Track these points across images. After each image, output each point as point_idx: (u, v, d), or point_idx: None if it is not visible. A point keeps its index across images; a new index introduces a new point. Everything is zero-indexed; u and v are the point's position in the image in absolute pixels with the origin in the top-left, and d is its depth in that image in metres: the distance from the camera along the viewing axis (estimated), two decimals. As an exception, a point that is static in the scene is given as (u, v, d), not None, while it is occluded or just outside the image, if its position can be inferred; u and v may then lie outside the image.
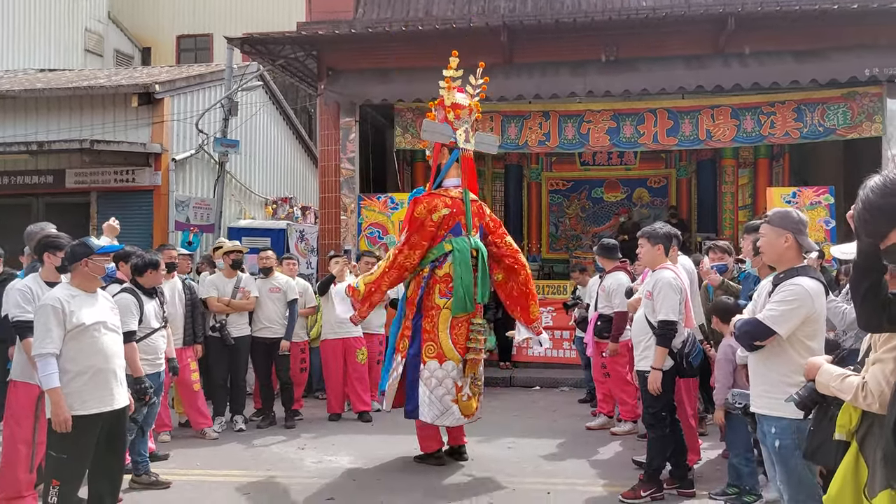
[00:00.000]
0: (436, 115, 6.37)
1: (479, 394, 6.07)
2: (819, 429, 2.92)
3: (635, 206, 14.29)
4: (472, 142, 6.41)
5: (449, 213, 6.01)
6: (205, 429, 7.02)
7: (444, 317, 5.96)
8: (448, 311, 5.95)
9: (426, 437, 6.17)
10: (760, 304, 3.66)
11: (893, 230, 2.22)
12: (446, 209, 6.00)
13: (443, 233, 6.02)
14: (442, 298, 5.99)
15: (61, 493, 4.15)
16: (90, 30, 19.75)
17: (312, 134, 17.56)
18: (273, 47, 11.10)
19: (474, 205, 6.24)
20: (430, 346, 5.96)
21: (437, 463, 6.10)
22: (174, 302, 6.82)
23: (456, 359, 5.92)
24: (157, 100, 11.69)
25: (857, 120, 10.26)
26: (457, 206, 6.08)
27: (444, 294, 5.98)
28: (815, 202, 10.00)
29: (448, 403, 5.86)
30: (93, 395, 4.21)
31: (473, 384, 5.97)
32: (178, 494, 5.37)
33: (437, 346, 5.93)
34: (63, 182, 11.76)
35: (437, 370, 5.90)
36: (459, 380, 5.91)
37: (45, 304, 4.22)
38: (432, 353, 5.94)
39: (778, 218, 3.67)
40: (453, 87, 6.34)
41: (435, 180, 6.35)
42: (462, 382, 5.91)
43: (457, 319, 5.96)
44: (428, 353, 5.95)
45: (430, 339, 5.96)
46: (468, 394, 5.92)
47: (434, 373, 5.90)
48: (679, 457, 5.32)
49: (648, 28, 10.28)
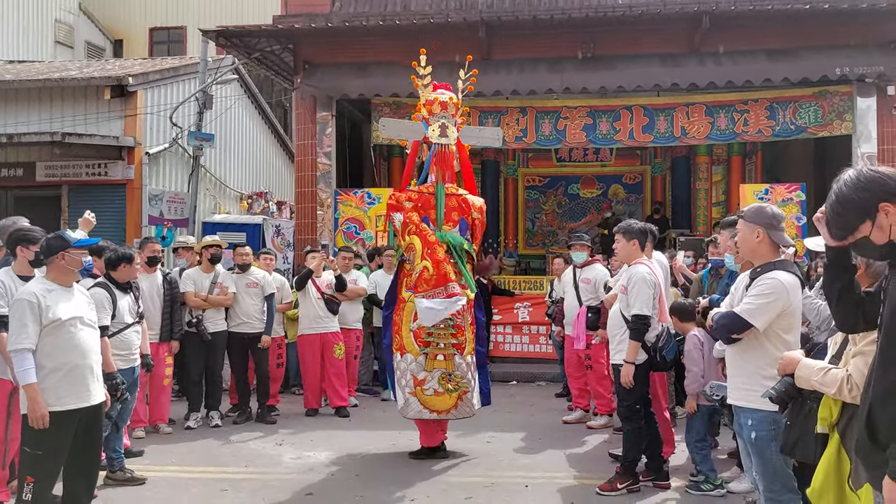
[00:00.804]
0: (417, 116, 6.42)
1: (460, 391, 6.01)
2: (796, 423, 2.96)
3: (611, 202, 14.41)
4: (450, 136, 6.39)
5: (412, 207, 6.10)
6: (159, 424, 6.98)
7: (409, 310, 6.02)
8: (412, 304, 5.98)
9: (424, 432, 6.20)
10: (738, 297, 3.72)
11: (864, 223, 2.27)
12: (409, 202, 6.11)
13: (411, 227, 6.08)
14: (407, 292, 6.05)
15: (36, 489, 4.07)
16: (60, 21, 19.39)
17: (288, 128, 17.45)
18: (249, 40, 11.01)
19: (454, 199, 6.24)
20: (397, 338, 6.08)
21: (443, 455, 6.17)
22: (152, 296, 6.76)
23: (414, 352, 5.97)
24: (130, 92, 11.55)
25: (828, 118, 10.45)
26: (423, 200, 6.15)
27: (410, 287, 6.03)
28: (787, 199, 10.17)
29: (407, 395, 5.96)
30: (69, 392, 4.15)
31: (447, 380, 5.95)
32: (154, 491, 5.32)
33: (401, 339, 6.04)
34: (33, 175, 11.57)
35: (400, 362, 6.05)
36: (419, 373, 5.95)
37: (20, 299, 4.14)
38: (397, 345, 6.07)
39: (751, 213, 3.73)
40: (424, 84, 6.40)
41: (419, 177, 6.39)
42: (424, 376, 5.94)
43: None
44: (396, 344, 6.09)
45: (397, 331, 6.08)
46: (435, 388, 5.93)
47: (398, 364, 6.06)
48: (654, 449, 5.39)
49: (625, 26, 10.37)
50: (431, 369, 5.96)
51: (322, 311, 7.84)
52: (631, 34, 10.48)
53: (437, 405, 5.95)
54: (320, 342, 7.86)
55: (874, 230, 2.25)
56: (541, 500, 5.14)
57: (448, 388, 5.96)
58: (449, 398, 5.97)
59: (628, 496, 5.13)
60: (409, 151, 6.42)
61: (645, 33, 10.49)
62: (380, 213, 10.50)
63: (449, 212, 6.20)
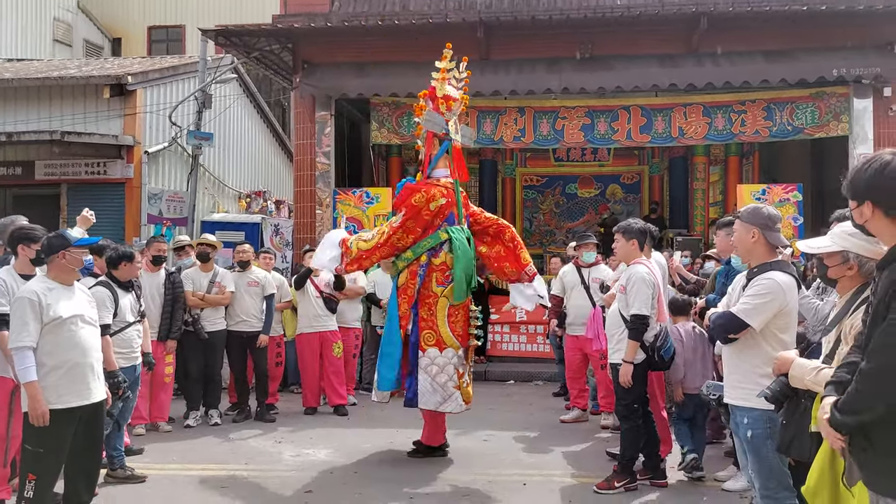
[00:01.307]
0: (427, 106, 6.39)
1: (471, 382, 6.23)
2: (791, 422, 3.00)
3: (608, 201, 14.45)
4: (459, 133, 6.50)
5: (445, 203, 6.12)
6: (159, 423, 7.00)
7: (442, 305, 6.04)
8: (446, 298, 6.03)
9: (435, 429, 6.24)
10: (735, 298, 3.76)
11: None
12: (443, 199, 6.10)
13: (438, 222, 6.11)
14: (439, 287, 6.06)
15: (37, 487, 4.11)
16: (59, 19, 19.38)
17: (286, 127, 17.47)
18: (248, 40, 11.03)
19: (462, 196, 6.35)
20: (429, 335, 6.02)
21: (442, 455, 6.22)
22: (152, 295, 6.79)
23: (455, 346, 6.02)
24: (129, 91, 11.55)
25: (825, 119, 10.50)
26: (450, 196, 6.19)
27: (441, 283, 6.06)
28: (784, 199, 10.22)
29: (451, 390, 5.95)
30: (70, 389, 4.18)
31: (469, 374, 6.14)
32: (155, 488, 5.35)
33: (437, 334, 6.01)
34: (32, 174, 11.57)
35: (438, 357, 5.97)
36: (461, 366, 6.02)
37: (21, 297, 4.17)
38: (431, 341, 6.00)
39: (747, 214, 3.77)
40: (447, 78, 6.40)
41: (426, 171, 6.42)
42: (463, 369, 6.05)
43: (454, 307, 6.05)
44: (427, 341, 6.01)
45: (427, 327, 6.03)
46: (468, 381, 6.09)
47: (435, 360, 5.97)
48: (652, 448, 5.43)
49: (623, 26, 10.41)
50: (469, 362, 6.15)
51: (321, 309, 7.88)
52: (629, 35, 10.52)
53: (467, 396, 6.09)
54: (319, 341, 7.89)
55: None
56: (539, 498, 5.18)
57: (469, 381, 6.18)
58: (471, 388, 6.18)
59: (626, 494, 5.17)
60: (426, 143, 6.42)
61: (643, 34, 10.53)
62: (378, 212, 10.53)
63: (462, 208, 6.31)
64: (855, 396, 2.20)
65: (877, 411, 2.14)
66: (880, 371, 2.14)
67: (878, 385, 2.14)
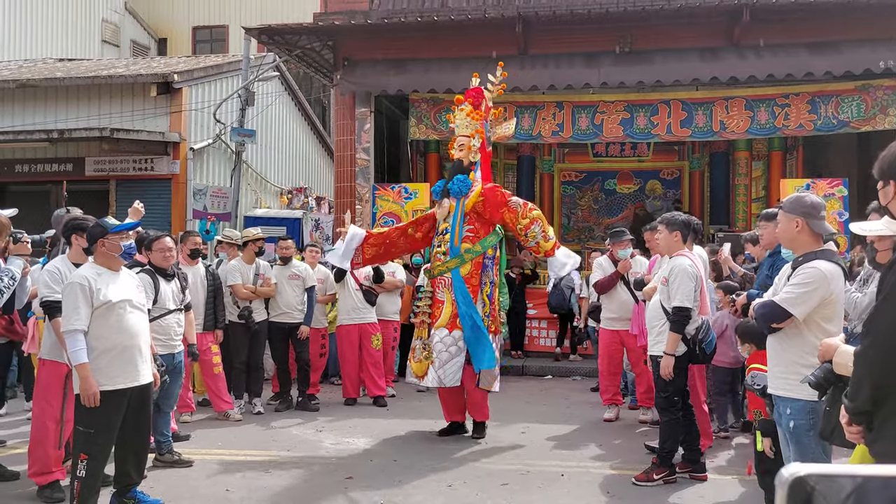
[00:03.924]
0: (480, 110, 6.69)
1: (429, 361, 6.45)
2: (835, 409, 2.96)
3: (648, 197, 14.32)
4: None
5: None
6: (227, 410, 7.15)
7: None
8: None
9: (444, 407, 6.73)
10: (780, 288, 3.73)
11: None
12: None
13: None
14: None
15: (89, 466, 4.25)
16: (107, 20, 19.92)
17: (326, 125, 17.69)
18: (290, 38, 11.20)
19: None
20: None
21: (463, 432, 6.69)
22: (196, 287, 6.93)
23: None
24: (175, 89, 11.83)
25: (871, 113, 10.28)
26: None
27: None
28: (829, 194, 10.02)
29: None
30: (120, 371, 4.32)
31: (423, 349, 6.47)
32: (201, 472, 5.50)
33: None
34: (83, 170, 11.93)
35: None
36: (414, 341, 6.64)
37: (72, 283, 4.32)
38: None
39: (789, 203, 3.72)
40: (497, 90, 6.77)
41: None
42: (413, 344, 6.62)
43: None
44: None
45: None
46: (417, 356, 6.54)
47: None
48: (692, 441, 5.39)
49: (663, 19, 10.31)
50: (417, 337, 6.57)
51: (360, 302, 7.98)
52: (669, 28, 10.42)
53: (416, 370, 6.50)
54: (358, 332, 7.99)
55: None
56: (576, 488, 5.19)
57: (423, 356, 6.44)
58: (422, 364, 6.45)
59: (664, 487, 5.15)
60: (482, 147, 6.69)
61: (683, 27, 10.42)
62: (416, 207, 10.61)
63: None
64: (851, 380, 2.19)
65: (866, 392, 2.13)
66: (864, 351, 2.12)
67: (863, 366, 2.13)
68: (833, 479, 1.19)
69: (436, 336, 6.37)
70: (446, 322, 6.36)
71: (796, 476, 1.19)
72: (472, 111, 6.60)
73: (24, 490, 5.02)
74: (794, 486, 1.19)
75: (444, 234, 6.55)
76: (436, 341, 6.36)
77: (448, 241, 6.48)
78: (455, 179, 6.56)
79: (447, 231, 6.53)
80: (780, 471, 1.23)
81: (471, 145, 6.62)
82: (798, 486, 1.19)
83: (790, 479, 1.19)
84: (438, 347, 6.34)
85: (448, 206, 6.58)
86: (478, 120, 6.62)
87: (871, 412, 2.17)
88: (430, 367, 6.33)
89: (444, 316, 6.38)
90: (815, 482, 1.18)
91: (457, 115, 6.72)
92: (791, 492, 1.18)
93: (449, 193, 6.59)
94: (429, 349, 6.38)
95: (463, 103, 6.68)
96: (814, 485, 1.18)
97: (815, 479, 1.19)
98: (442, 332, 6.35)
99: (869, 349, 2.13)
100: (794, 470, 1.20)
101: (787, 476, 1.19)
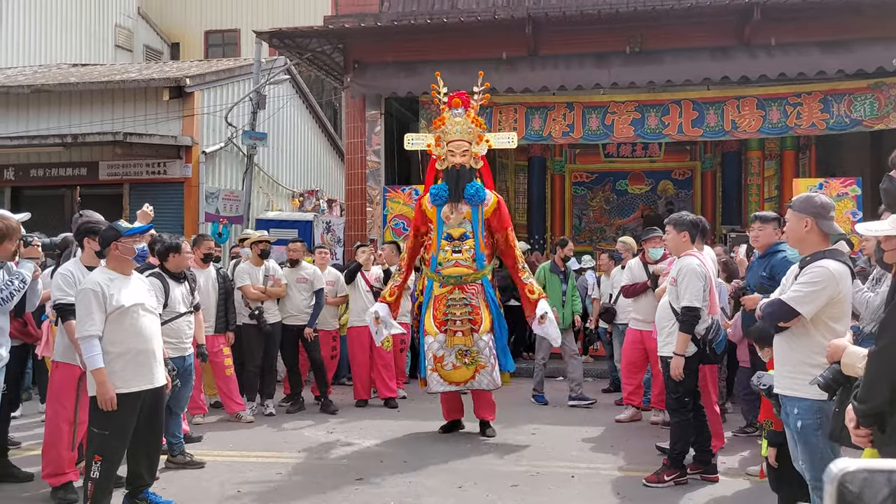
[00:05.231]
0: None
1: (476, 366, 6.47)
2: (843, 410, 2.97)
3: (660, 198, 14.28)
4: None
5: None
6: (239, 412, 7.19)
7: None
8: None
9: (443, 407, 6.91)
10: (788, 287, 3.71)
11: None
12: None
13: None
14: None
15: (103, 468, 4.29)
16: (120, 25, 20.11)
17: (338, 127, 17.75)
18: (301, 41, 11.25)
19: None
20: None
21: (460, 428, 6.87)
22: (207, 290, 6.98)
23: (434, 332, 6.53)
24: (187, 93, 11.92)
25: (885, 111, 10.20)
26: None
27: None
28: (842, 193, 9.95)
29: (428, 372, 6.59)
30: (135, 374, 4.36)
31: (463, 355, 6.46)
32: (213, 473, 5.53)
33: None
34: (97, 174, 12.03)
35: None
36: (439, 351, 6.51)
37: (85, 289, 4.35)
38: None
39: (799, 203, 3.71)
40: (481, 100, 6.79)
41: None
42: (441, 353, 6.51)
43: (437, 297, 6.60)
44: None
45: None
46: (453, 363, 6.48)
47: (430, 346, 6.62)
48: (703, 443, 5.37)
49: (673, 19, 10.29)
50: (451, 346, 6.46)
51: (371, 303, 7.98)
52: (679, 28, 10.39)
53: (455, 377, 6.47)
54: (369, 334, 7.99)
55: None
56: (586, 489, 5.18)
57: (465, 363, 6.43)
58: (466, 371, 6.45)
59: (675, 488, 5.13)
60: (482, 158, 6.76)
61: (694, 26, 10.39)
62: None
63: None
64: (864, 381, 2.16)
65: (883, 394, 2.10)
66: (880, 351, 2.10)
67: (879, 365, 2.10)
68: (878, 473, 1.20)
69: (481, 341, 6.43)
70: (489, 327, 6.46)
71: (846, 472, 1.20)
72: (475, 117, 6.60)
73: (37, 491, 5.08)
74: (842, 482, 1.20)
75: (463, 239, 6.50)
76: (482, 346, 6.43)
77: (471, 249, 6.48)
78: (472, 186, 6.52)
79: (466, 237, 6.49)
80: (829, 466, 1.23)
81: (476, 152, 6.60)
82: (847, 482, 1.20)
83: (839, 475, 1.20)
84: (487, 352, 6.43)
85: (465, 212, 6.50)
86: (481, 126, 6.62)
87: (885, 413, 2.15)
88: (480, 371, 6.44)
89: (486, 321, 6.46)
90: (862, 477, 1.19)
91: (449, 119, 6.61)
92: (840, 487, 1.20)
93: (461, 199, 6.50)
94: (472, 355, 6.43)
95: (459, 107, 6.62)
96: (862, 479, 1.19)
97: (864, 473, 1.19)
98: (487, 336, 6.46)
99: (887, 349, 2.10)
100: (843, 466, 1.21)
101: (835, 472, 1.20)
